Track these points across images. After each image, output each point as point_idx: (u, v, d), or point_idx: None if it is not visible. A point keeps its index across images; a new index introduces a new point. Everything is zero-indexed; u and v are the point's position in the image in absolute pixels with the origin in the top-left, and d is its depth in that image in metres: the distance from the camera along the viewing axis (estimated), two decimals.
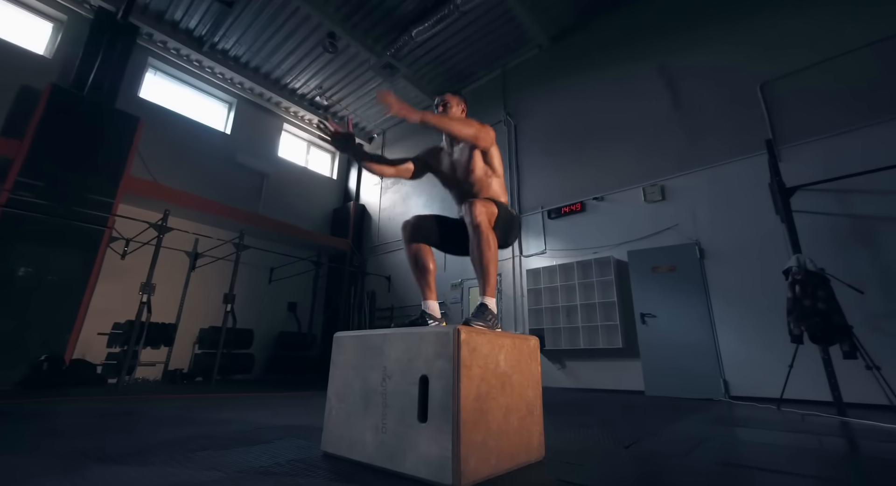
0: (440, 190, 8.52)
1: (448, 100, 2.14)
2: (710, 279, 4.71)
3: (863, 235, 3.98)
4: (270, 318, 8.49)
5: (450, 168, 2.10)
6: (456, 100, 2.14)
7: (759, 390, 4.07)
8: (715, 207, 4.88)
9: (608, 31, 6.73)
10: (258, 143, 9.42)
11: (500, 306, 6.68)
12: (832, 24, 4.62)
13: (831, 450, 1.89)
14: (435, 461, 1.20)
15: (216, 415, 2.66)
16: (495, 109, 8.03)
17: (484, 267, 1.74)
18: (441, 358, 1.28)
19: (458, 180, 2.07)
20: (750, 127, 4.86)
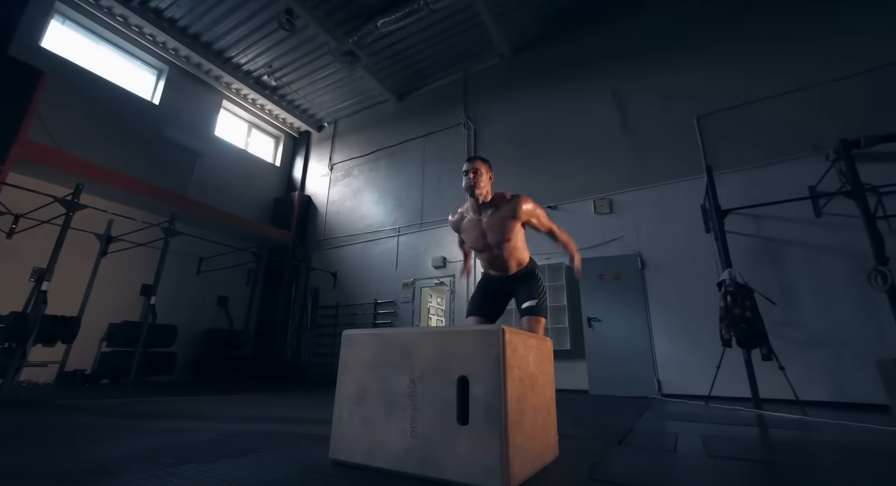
0: (395, 186, 8.38)
1: (479, 167, 2.15)
2: (649, 288, 5.19)
3: (771, 254, 4.66)
4: (197, 313, 7.67)
5: (479, 235, 2.14)
6: (485, 167, 2.17)
7: (687, 389, 4.56)
8: (656, 223, 5.39)
9: (567, 50, 7.13)
10: (191, 118, 8.48)
11: (453, 306, 6.73)
12: (756, 71, 5.35)
13: (771, 439, 2.18)
14: (479, 465, 1.16)
15: (163, 423, 2.33)
16: (455, 112, 8.09)
17: None
18: (484, 358, 1.25)
19: (488, 245, 2.13)
20: (688, 153, 5.46)
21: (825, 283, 4.27)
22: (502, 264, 2.15)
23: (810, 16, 5.20)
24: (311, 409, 3.26)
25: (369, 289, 7.74)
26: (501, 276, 2.20)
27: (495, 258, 2.14)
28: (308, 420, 2.58)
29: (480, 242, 2.13)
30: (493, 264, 2.17)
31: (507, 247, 2.09)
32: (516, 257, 2.14)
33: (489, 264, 2.20)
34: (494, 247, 2.10)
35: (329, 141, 10.03)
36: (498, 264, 2.16)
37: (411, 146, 8.46)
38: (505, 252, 2.10)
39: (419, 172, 8.11)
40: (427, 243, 7.42)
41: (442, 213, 7.45)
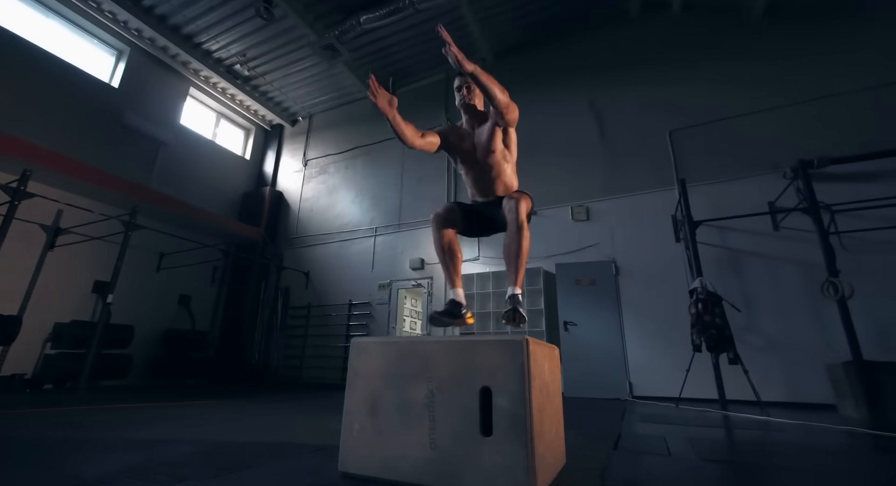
0: (372, 185, 8.25)
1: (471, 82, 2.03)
2: (623, 293, 5.40)
3: (734, 264, 4.98)
4: (156, 312, 7.21)
5: (470, 148, 2.06)
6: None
7: (657, 391, 4.78)
8: (630, 231, 5.62)
9: (548, 59, 7.30)
10: (155, 104, 7.99)
11: (431, 308, 6.70)
12: (724, 92, 5.70)
13: (748, 440, 2.32)
14: (505, 477, 1.16)
15: (135, 433, 2.16)
16: (436, 113, 8.08)
17: (521, 260, 1.84)
18: (509, 369, 1.24)
19: (476, 161, 2.04)
20: (661, 165, 5.73)
21: (782, 292, 4.61)
22: (489, 183, 2.03)
23: (777, 44, 5.60)
24: (293, 416, 3.14)
25: (344, 290, 7.57)
26: (487, 201, 2.06)
27: (482, 175, 2.04)
28: (296, 429, 2.48)
29: (471, 156, 2.05)
30: (480, 184, 2.06)
31: (495, 160, 2.01)
32: (504, 179, 2.04)
33: (476, 187, 2.09)
34: (482, 161, 2.02)
35: (304, 136, 9.73)
36: (484, 185, 2.05)
37: (390, 146, 8.35)
38: (494, 169, 2.01)
39: (398, 172, 8.03)
40: (405, 244, 7.36)
41: (420, 214, 7.42)
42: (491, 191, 2.06)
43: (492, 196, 2.07)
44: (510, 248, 1.85)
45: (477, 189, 2.10)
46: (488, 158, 2.03)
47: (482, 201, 2.11)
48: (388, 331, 6.87)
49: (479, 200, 2.13)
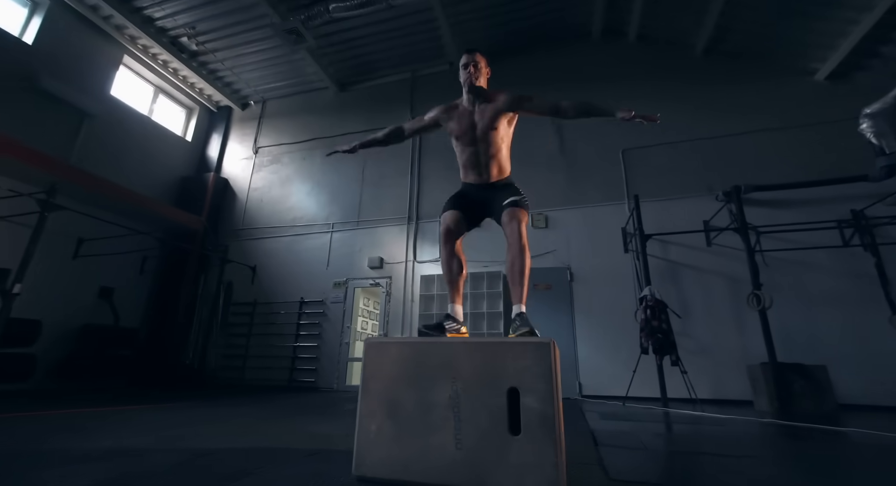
0: (331, 179, 7.95)
1: (478, 60, 2.10)
2: (576, 299, 5.73)
3: (673, 274, 5.51)
4: (71, 305, 6.35)
5: (468, 126, 2.07)
6: (484, 61, 2.12)
7: (603, 390, 5.14)
8: (584, 240, 5.99)
9: (515, 67, 7.52)
10: (79, 70, 7.06)
11: (388, 308, 6.61)
12: (670, 117, 6.28)
13: (704, 435, 2.59)
14: (534, 473, 1.20)
15: (87, 443, 1.89)
16: (401, 111, 8.00)
17: (525, 279, 1.88)
18: (536, 369, 1.29)
19: (474, 138, 2.06)
20: (613, 180, 6.18)
21: (712, 301, 5.19)
22: (485, 163, 2.05)
23: (715, 79, 6.29)
24: (261, 420, 2.94)
25: (295, 286, 7.21)
26: (480, 183, 2.09)
27: (479, 156, 2.05)
28: (275, 433, 2.33)
29: (469, 133, 2.06)
30: (475, 164, 2.07)
31: (494, 139, 2.03)
32: (499, 160, 2.06)
33: (470, 166, 2.09)
34: (481, 140, 2.04)
35: (255, 122, 9.13)
36: (479, 165, 2.06)
37: (352, 140, 8.06)
38: (491, 148, 2.04)
39: (359, 167, 7.83)
40: (364, 241, 7.18)
41: (382, 212, 7.29)
42: (486, 171, 2.07)
43: (486, 177, 2.08)
44: (514, 267, 1.89)
45: (472, 169, 2.10)
46: (489, 134, 2.04)
47: (475, 183, 2.11)
48: (342, 331, 6.66)
49: (471, 182, 2.13)
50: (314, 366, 6.60)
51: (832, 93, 5.67)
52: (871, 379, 4.26)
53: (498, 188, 2.07)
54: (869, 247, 4.76)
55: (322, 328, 6.81)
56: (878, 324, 4.48)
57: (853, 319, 4.59)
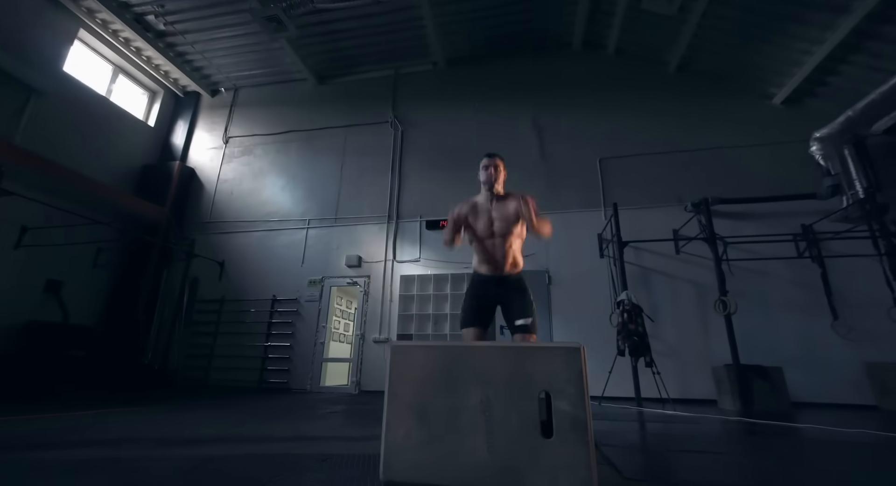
0: (308, 174, 7.72)
1: (499, 164, 2.35)
2: (553, 301, 5.90)
3: (645, 279, 5.79)
4: (12, 300, 5.78)
5: (487, 222, 2.24)
6: (503, 165, 2.37)
7: None
8: (562, 245, 6.16)
9: (499, 73, 7.66)
10: (27, 41, 6.46)
11: (366, 308, 6.51)
12: (645, 129, 6.61)
13: (692, 434, 2.75)
14: (568, 475, 1.24)
15: (69, 453, 1.75)
16: (382, 108, 7.90)
17: None
18: (568, 373, 1.33)
19: (492, 233, 2.23)
20: (591, 188, 6.41)
21: (679, 305, 5.51)
22: (500, 257, 2.20)
23: (686, 95, 6.67)
24: (246, 423, 2.81)
25: (267, 283, 6.94)
26: (495, 276, 2.23)
27: (496, 249, 2.21)
28: (273, 438, 2.24)
29: (487, 229, 2.23)
30: (491, 257, 2.22)
31: (510, 237, 2.21)
32: (513, 254, 2.23)
33: (487, 258, 2.23)
34: (498, 235, 2.21)
35: (226, 110, 8.71)
36: (496, 258, 2.21)
37: (331, 134, 7.93)
38: (507, 242, 2.21)
39: (338, 163, 7.66)
40: (341, 239, 7.03)
41: (361, 209, 7.17)
42: (502, 264, 2.22)
43: (501, 270, 2.23)
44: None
45: (488, 261, 2.24)
46: (507, 234, 2.22)
47: (489, 275, 2.25)
48: (317, 330, 6.49)
49: (485, 273, 2.27)
50: (286, 366, 6.38)
51: (788, 116, 6.17)
52: (817, 380, 4.69)
53: (511, 286, 2.24)
54: (816, 259, 5.23)
55: (295, 328, 6.60)
56: (824, 329, 4.94)
57: (803, 324, 5.02)
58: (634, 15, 6.48)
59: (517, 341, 2.13)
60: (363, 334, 6.33)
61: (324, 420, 3.05)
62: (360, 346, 6.27)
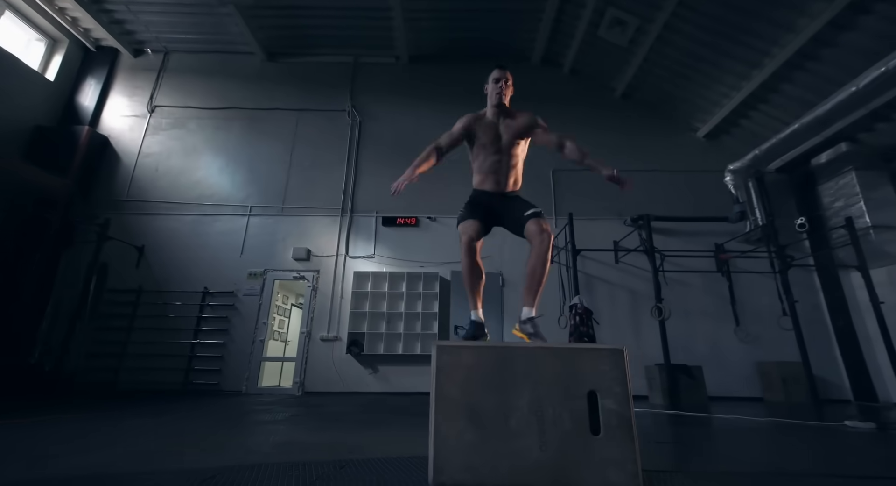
0: (252, 157, 7.09)
1: (509, 77, 2.36)
2: (505, 303, 6.12)
3: (588, 285, 6.28)
4: None
5: (493, 137, 2.22)
6: (512, 78, 2.39)
7: None
8: (515, 249, 6.40)
9: (462, 74, 7.68)
10: None
11: (314, 304, 6.16)
12: (592, 146, 7.15)
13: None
14: (617, 469, 1.31)
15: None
16: (339, 96, 7.56)
17: (541, 286, 2.00)
18: (611, 373, 1.41)
19: (498, 149, 2.20)
20: (545, 197, 6.78)
21: (617, 310, 6.06)
22: (504, 172, 2.20)
23: (630, 119, 7.36)
24: (212, 433, 2.50)
25: (197, 274, 6.22)
26: (497, 192, 2.19)
27: (501, 165, 2.20)
28: (269, 447, 2.02)
29: (495, 143, 2.21)
30: (496, 172, 2.19)
31: (515, 152, 2.22)
32: (516, 171, 2.24)
33: (490, 173, 2.20)
34: (504, 151, 2.20)
35: (152, 74, 7.66)
36: (500, 174, 2.19)
37: (280, 117, 7.37)
38: (512, 159, 2.22)
39: (287, 148, 7.14)
40: (288, 230, 6.57)
41: (311, 200, 6.77)
42: (505, 180, 2.22)
43: (503, 186, 2.21)
44: (535, 274, 1.99)
45: (491, 175, 2.21)
46: (512, 148, 2.23)
47: (491, 191, 2.21)
48: (256, 327, 5.98)
49: (487, 190, 2.22)
50: (218, 366, 5.78)
51: (709, 148, 7.14)
52: (723, 376, 5.49)
53: (512, 199, 2.21)
54: (725, 273, 6.11)
55: (230, 324, 6.01)
56: (729, 333, 5.80)
57: (713, 329, 5.85)
58: (591, 40, 7.01)
59: (531, 227, 2.03)
60: (309, 331, 5.98)
61: (293, 424, 2.83)
62: (305, 344, 5.91)
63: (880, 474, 1.64)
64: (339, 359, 5.83)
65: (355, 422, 3.00)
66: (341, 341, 5.91)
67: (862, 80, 4.72)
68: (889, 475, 1.61)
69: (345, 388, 5.68)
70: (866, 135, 5.79)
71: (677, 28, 6.12)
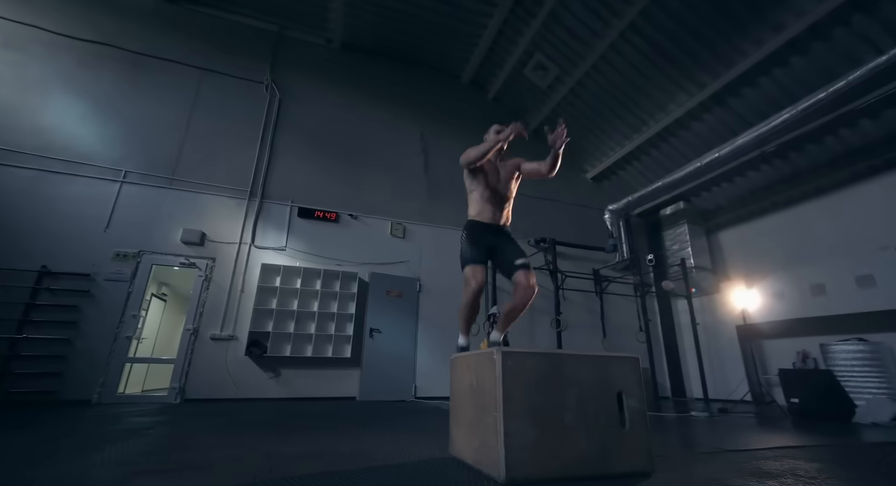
0: (131, 111, 5.95)
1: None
2: (422, 308, 6.25)
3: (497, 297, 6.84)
4: None
5: (496, 178, 2.59)
6: None
7: (436, 392, 5.77)
8: (434, 257, 6.64)
9: (395, 74, 7.70)
10: None
11: (206, 297, 5.27)
12: None
13: None
14: (640, 455, 1.59)
15: None
16: (258, 66, 6.75)
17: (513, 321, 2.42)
18: (632, 377, 1.70)
19: (498, 188, 2.57)
20: (463, 210, 7.14)
21: (522, 321, 6.73)
22: (501, 208, 2.54)
23: (539, 152, 8.31)
24: None
25: (34, 247, 4.74)
26: (493, 225, 2.51)
27: (499, 201, 2.53)
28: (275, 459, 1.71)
29: (496, 184, 2.56)
30: (495, 207, 2.52)
31: (510, 188, 2.58)
32: (509, 209, 2.60)
33: (490, 207, 2.51)
34: (503, 186, 2.55)
35: None
36: (497, 209, 2.52)
37: (178, 72, 6.19)
38: (508, 194, 2.57)
39: (185, 110, 6.04)
40: (178, 207, 5.52)
41: (211, 176, 5.85)
42: (500, 213, 2.58)
43: (499, 218, 2.57)
44: (512, 314, 2.40)
45: (491, 212, 2.56)
46: (508, 191, 2.61)
47: (489, 223, 2.54)
48: (121, 321, 4.82)
49: (484, 222, 2.54)
50: (58, 368, 4.45)
51: (595, 189, 8.57)
52: None
53: (505, 235, 2.56)
54: (598, 294, 7.40)
55: (81, 315, 4.72)
56: (597, 344, 7.01)
57: (588, 340, 6.99)
58: (516, 76, 7.78)
59: (519, 279, 2.33)
60: (196, 328, 5.09)
61: (192, 435, 2.44)
62: (190, 344, 5.01)
63: (730, 447, 2.31)
64: (235, 361, 5.10)
65: (276, 429, 2.75)
66: (238, 340, 5.19)
67: (703, 159, 6.37)
68: (729, 448, 2.28)
69: (238, 394, 4.99)
70: (696, 199, 7.77)
71: (587, 85, 7.28)
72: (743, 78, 5.78)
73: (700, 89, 6.26)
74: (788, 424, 3.67)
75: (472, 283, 2.29)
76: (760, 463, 1.88)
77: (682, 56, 6.06)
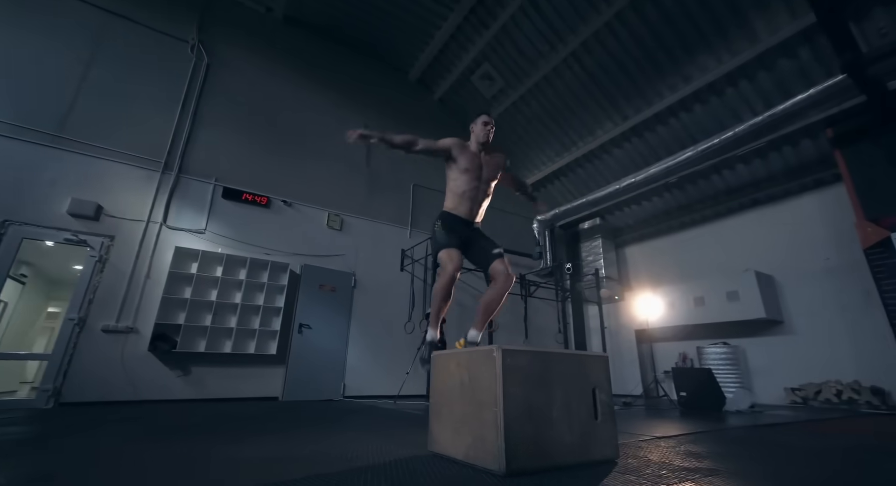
0: (11, 54, 4.64)
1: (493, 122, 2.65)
2: (355, 304, 6.03)
3: (428, 295, 6.88)
4: None
5: (476, 169, 2.50)
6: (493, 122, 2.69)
7: (365, 391, 5.60)
8: (371, 252, 6.46)
9: (342, 61, 7.33)
10: None
11: (98, 281, 4.43)
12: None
13: None
14: (609, 444, 1.75)
15: None
16: (183, 22, 5.94)
17: (492, 315, 2.36)
18: (603, 374, 1.86)
19: (478, 182, 2.50)
20: (403, 207, 7.10)
21: (450, 321, 6.85)
22: (478, 204, 2.48)
23: None
24: None
25: None
26: (466, 220, 2.45)
27: (478, 195, 2.48)
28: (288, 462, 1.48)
29: (476, 172, 2.48)
30: (472, 202, 2.45)
31: (491, 186, 2.55)
32: (485, 207, 2.56)
33: (467, 199, 2.44)
34: (483, 182, 2.49)
35: None
36: (474, 204, 2.46)
37: (76, 12, 5.15)
38: (487, 191, 2.53)
39: (81, 56, 5.05)
40: (67, 171, 4.58)
41: (112, 138, 4.98)
42: (477, 210, 2.54)
43: (474, 215, 2.53)
44: (492, 305, 2.33)
45: (467, 206, 2.49)
46: (489, 187, 2.58)
47: (463, 218, 2.49)
48: None
49: (460, 216, 2.48)
50: None
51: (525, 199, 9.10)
52: None
53: (477, 231, 2.55)
54: (523, 297, 7.88)
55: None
56: (520, 344, 7.45)
57: (508, 339, 7.39)
58: (463, 81, 7.96)
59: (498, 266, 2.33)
60: (83, 318, 4.26)
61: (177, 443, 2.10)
62: (73, 336, 4.16)
63: (659, 434, 2.68)
64: (134, 357, 4.37)
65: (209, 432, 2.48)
66: (139, 333, 4.46)
67: (622, 182, 7.18)
68: (659, 435, 2.65)
69: (135, 395, 4.28)
70: (610, 216, 8.73)
71: (528, 101, 7.74)
72: (657, 117, 6.67)
73: (624, 121, 7.07)
74: (678, 414, 4.31)
75: (449, 266, 2.22)
76: (687, 446, 2.20)
77: (613, 89, 6.79)
